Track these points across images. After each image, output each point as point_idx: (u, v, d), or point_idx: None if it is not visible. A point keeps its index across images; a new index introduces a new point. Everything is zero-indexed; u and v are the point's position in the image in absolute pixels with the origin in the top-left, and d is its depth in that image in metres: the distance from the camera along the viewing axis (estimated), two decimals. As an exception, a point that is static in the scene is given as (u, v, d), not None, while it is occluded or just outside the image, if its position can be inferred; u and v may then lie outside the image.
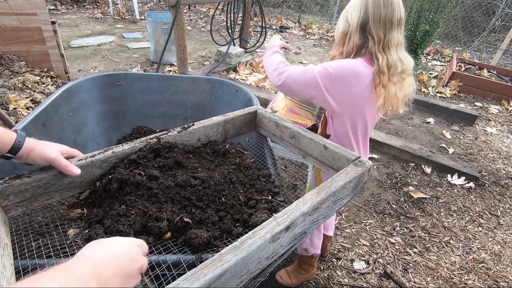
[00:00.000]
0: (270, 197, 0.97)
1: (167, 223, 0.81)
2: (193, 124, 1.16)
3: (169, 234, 0.80)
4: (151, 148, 1.03)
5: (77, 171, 0.83)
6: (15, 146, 0.76)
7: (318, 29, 6.93)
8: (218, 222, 0.85)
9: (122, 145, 1.00)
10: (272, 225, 0.72)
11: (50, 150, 0.80)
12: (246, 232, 0.73)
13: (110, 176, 0.90)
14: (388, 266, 1.85)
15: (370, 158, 2.63)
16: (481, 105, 4.04)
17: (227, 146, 1.19)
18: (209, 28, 5.25)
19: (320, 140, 1.10)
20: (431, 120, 3.54)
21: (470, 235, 2.13)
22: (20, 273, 0.67)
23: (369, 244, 1.99)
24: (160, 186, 0.90)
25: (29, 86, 2.83)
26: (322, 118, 1.38)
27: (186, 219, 0.81)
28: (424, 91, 4.17)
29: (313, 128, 1.48)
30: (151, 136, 1.07)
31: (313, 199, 0.81)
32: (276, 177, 1.09)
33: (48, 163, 0.80)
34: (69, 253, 0.75)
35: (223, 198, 0.91)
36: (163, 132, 1.10)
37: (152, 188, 0.89)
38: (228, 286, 0.65)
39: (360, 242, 2.00)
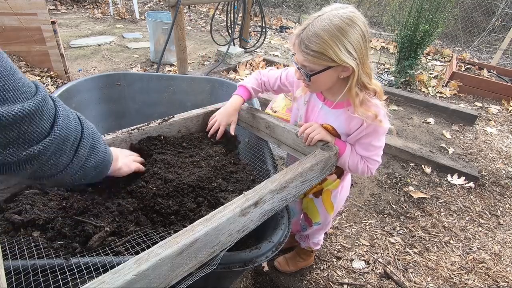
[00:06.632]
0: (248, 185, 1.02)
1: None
2: (173, 116, 1.20)
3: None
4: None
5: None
6: None
7: (318, 29, 6.93)
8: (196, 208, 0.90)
9: (104, 135, 1.03)
10: (242, 201, 0.77)
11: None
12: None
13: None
14: (388, 266, 1.85)
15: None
16: (481, 105, 4.04)
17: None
18: (209, 28, 5.25)
19: (292, 129, 1.16)
20: (431, 120, 3.54)
21: (470, 235, 2.13)
22: (21, 273, 0.66)
23: (369, 244, 1.99)
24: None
25: (29, 86, 2.83)
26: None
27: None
28: (424, 91, 4.17)
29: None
30: (132, 128, 1.09)
31: (280, 178, 0.87)
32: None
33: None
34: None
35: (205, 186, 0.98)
36: (144, 124, 1.13)
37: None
38: (200, 254, 0.70)
39: (360, 242, 2.00)
